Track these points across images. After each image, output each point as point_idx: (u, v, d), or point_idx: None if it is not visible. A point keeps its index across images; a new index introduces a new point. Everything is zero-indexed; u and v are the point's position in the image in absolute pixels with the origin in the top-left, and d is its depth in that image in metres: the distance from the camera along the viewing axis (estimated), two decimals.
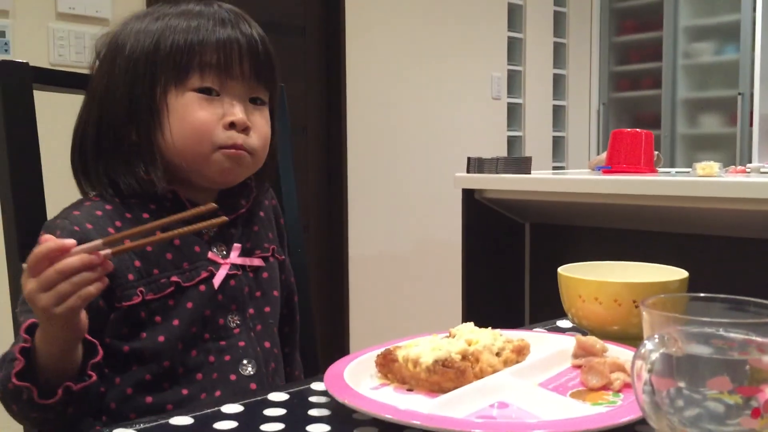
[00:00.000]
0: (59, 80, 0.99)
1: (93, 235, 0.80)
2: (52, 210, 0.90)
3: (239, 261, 0.90)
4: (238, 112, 0.87)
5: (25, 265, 0.69)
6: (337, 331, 3.20)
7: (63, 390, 0.71)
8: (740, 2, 3.63)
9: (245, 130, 0.87)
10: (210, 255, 0.88)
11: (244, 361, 0.88)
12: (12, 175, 0.89)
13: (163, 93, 0.86)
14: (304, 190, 3.07)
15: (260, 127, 0.90)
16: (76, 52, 2.37)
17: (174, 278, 0.84)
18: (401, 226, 3.39)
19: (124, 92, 0.86)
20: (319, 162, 3.17)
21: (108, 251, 0.69)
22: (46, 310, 0.67)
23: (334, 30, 3.14)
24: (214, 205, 0.75)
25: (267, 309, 0.93)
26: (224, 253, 0.90)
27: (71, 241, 0.68)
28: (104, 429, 0.61)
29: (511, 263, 2.40)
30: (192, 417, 0.63)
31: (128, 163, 0.86)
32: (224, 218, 0.75)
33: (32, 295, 0.68)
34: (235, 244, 0.91)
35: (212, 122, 0.86)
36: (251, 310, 0.91)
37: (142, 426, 0.61)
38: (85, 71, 0.94)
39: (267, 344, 0.92)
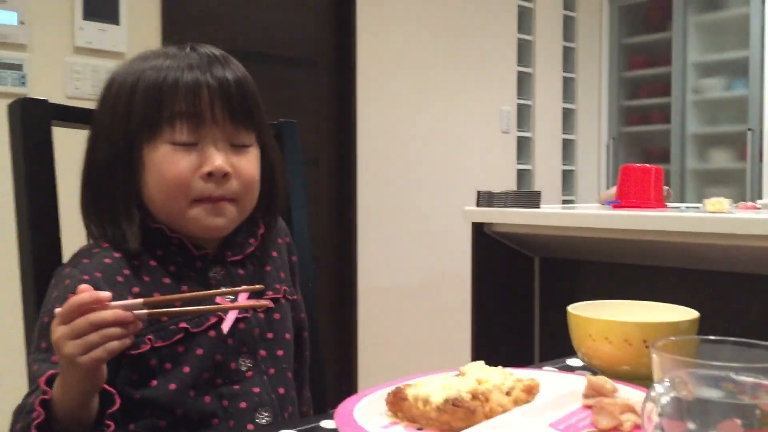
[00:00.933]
0: (77, 117, 1.01)
1: (102, 284, 0.81)
2: (68, 247, 0.91)
3: (248, 304, 0.88)
4: (215, 160, 0.85)
5: (58, 310, 0.69)
6: (346, 363, 3.18)
7: None
8: (749, 38, 3.66)
9: (226, 176, 0.86)
10: (218, 300, 0.87)
11: (261, 410, 0.87)
12: (30, 211, 0.90)
13: (138, 148, 0.85)
14: (315, 222, 3.08)
15: (244, 170, 0.88)
16: (92, 86, 2.41)
17: (183, 325, 0.83)
18: (411, 258, 3.39)
19: (106, 139, 0.87)
20: (330, 194, 3.19)
21: (144, 312, 0.70)
22: (70, 358, 0.68)
23: (346, 64, 3.18)
24: (261, 286, 0.77)
25: (280, 352, 0.92)
26: (231, 297, 0.88)
27: (107, 294, 0.69)
28: None
29: (521, 297, 2.40)
30: None
31: (112, 215, 0.86)
32: (269, 303, 0.77)
33: (60, 341, 0.68)
34: (244, 287, 0.89)
35: (188, 173, 0.84)
36: (263, 352, 0.90)
37: None
38: None
39: (281, 390, 0.91)
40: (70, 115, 0.96)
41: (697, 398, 0.52)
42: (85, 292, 0.69)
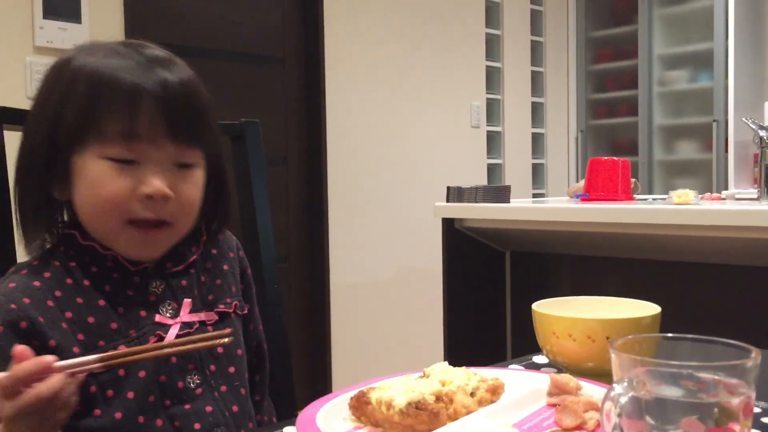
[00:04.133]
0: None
1: (31, 311, 0.76)
2: (23, 253, 0.88)
3: (191, 318, 0.84)
4: (155, 182, 0.78)
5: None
6: (319, 363, 3.17)
7: None
8: (713, 31, 3.70)
9: (167, 199, 0.79)
10: (157, 318, 0.82)
11: (216, 430, 0.83)
12: None
13: (66, 155, 0.78)
14: (285, 222, 3.06)
15: (184, 194, 0.81)
16: None
17: (121, 348, 0.77)
18: (383, 255, 3.39)
19: (33, 143, 0.80)
20: (300, 193, 3.17)
21: (98, 365, 0.67)
22: None
23: (313, 61, 3.16)
24: (228, 330, 0.73)
25: (231, 369, 0.87)
26: (173, 311, 0.84)
27: (51, 358, 0.65)
28: None
29: (493, 291, 2.40)
30: None
31: (35, 221, 0.81)
32: (231, 339, 0.72)
33: (10, 422, 0.64)
34: (185, 300, 0.85)
35: (125, 194, 0.78)
36: (212, 367, 0.85)
37: None
38: None
39: (235, 408, 0.86)
40: (23, 119, 0.94)
41: (656, 397, 0.52)
42: (27, 360, 0.64)
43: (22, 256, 0.87)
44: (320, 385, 3.09)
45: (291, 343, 1.18)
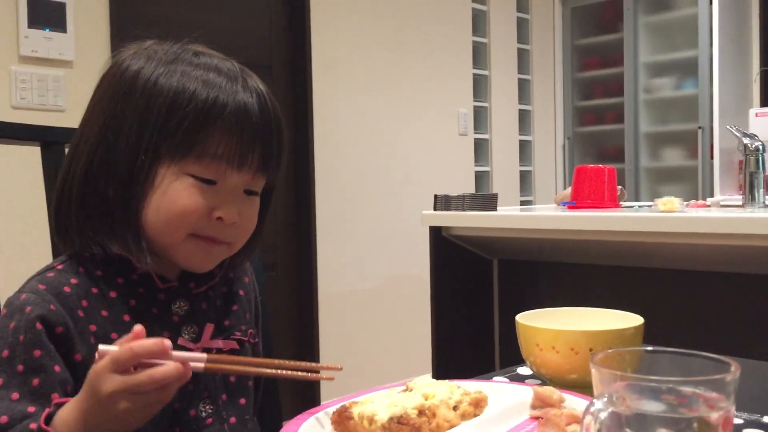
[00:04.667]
0: (15, 133, 0.98)
1: (65, 318, 0.74)
2: (1, 264, 0.87)
3: (212, 345, 0.82)
4: (230, 208, 0.78)
5: (102, 348, 0.64)
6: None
7: None
8: (697, 38, 3.73)
9: (233, 224, 0.79)
10: (180, 341, 0.80)
11: None
12: None
13: (155, 166, 0.77)
14: (273, 230, 3.06)
15: (248, 220, 0.82)
16: (39, 95, 2.36)
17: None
18: (371, 263, 3.38)
19: (123, 148, 0.77)
20: (288, 201, 3.16)
21: (201, 366, 0.66)
22: (124, 413, 0.63)
23: (300, 68, 3.16)
24: (340, 367, 0.72)
25: (242, 401, 0.86)
26: (195, 335, 0.82)
27: (169, 343, 0.64)
28: None
29: (481, 300, 2.41)
30: None
31: (113, 228, 0.78)
32: (331, 377, 0.70)
33: (115, 396, 0.63)
34: (208, 325, 0.83)
35: (200, 212, 0.77)
36: (224, 397, 0.84)
37: None
38: (47, 119, 0.89)
39: None
40: (7, 132, 0.93)
41: (636, 413, 0.52)
42: (147, 339, 0.63)
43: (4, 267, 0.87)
44: (308, 394, 3.08)
45: (279, 351, 1.17)
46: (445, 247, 2.31)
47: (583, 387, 0.80)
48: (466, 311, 2.39)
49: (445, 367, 2.34)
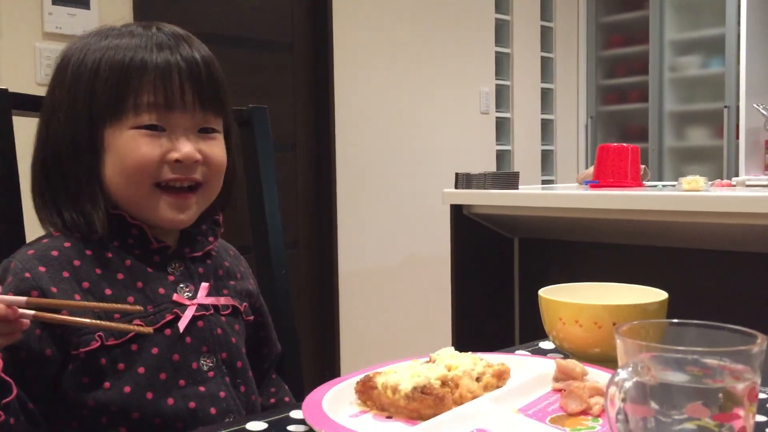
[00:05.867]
0: (38, 105, 0.98)
1: (45, 280, 0.78)
2: (32, 238, 0.89)
3: (208, 301, 0.86)
4: (185, 147, 0.82)
5: None
6: (327, 347, 3.18)
7: None
8: (725, 16, 3.67)
9: (195, 163, 0.83)
10: (175, 297, 0.84)
11: (229, 417, 0.84)
12: None
13: (101, 129, 0.82)
14: (294, 207, 3.07)
15: (213, 157, 0.86)
16: None
17: (136, 322, 0.78)
18: (391, 241, 3.39)
19: (66, 121, 0.83)
20: (308, 179, 3.17)
21: (29, 312, 0.67)
22: None
23: (322, 46, 3.15)
24: (140, 308, 0.75)
25: (239, 364, 0.88)
26: (191, 293, 0.85)
27: None
28: None
29: (501, 278, 2.40)
30: None
31: (74, 199, 0.83)
32: (149, 330, 0.73)
33: None
34: (203, 284, 0.87)
35: (155, 160, 0.81)
36: (224, 355, 0.86)
37: None
38: None
39: (240, 401, 0.87)
40: (31, 104, 0.94)
41: (661, 383, 0.52)
42: None
43: (30, 238, 0.88)
44: (328, 371, 3.11)
45: (299, 328, 1.19)
46: (466, 226, 2.31)
47: (606, 361, 0.80)
48: (487, 290, 2.39)
49: (465, 346, 2.34)
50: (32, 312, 0.67)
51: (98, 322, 0.72)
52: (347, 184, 3.21)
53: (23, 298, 0.67)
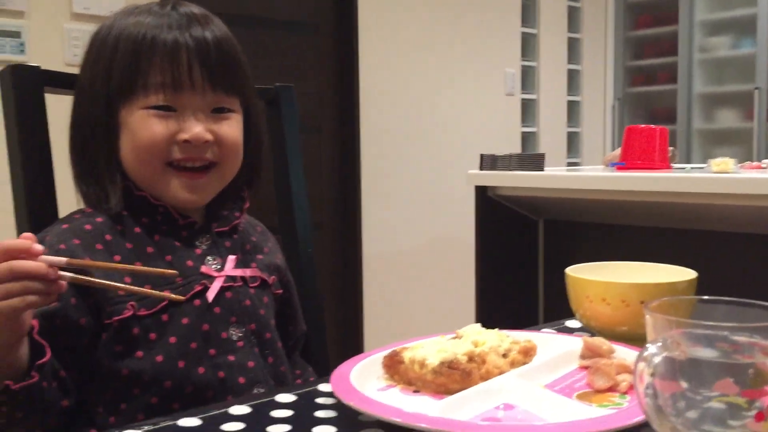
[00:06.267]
0: (70, 83, 1.00)
1: (79, 252, 0.80)
2: (64, 212, 0.90)
3: (235, 272, 0.88)
4: (194, 127, 0.83)
5: None
6: (351, 329, 3.21)
7: (2, 389, 0.69)
8: None
9: (206, 143, 0.84)
10: (203, 269, 0.86)
11: (258, 386, 0.85)
12: (26, 178, 0.90)
13: (117, 108, 0.84)
14: (318, 189, 3.08)
15: (225, 136, 0.86)
16: None
17: (166, 293, 0.79)
18: (415, 223, 3.39)
19: (88, 99, 0.86)
20: (333, 161, 3.18)
21: (68, 275, 0.69)
22: None
23: (347, 28, 3.14)
24: (176, 273, 0.76)
25: (267, 335, 0.90)
26: (219, 266, 0.87)
27: (40, 247, 0.67)
28: (113, 430, 0.61)
29: (525, 260, 2.40)
30: (200, 418, 0.64)
31: (95, 175, 0.85)
32: (180, 298, 0.75)
33: None
34: (230, 256, 0.88)
35: (164, 139, 0.83)
36: (252, 326, 0.88)
37: (151, 427, 0.62)
38: None
39: (268, 372, 0.89)
40: (63, 81, 0.95)
41: (690, 358, 0.52)
42: (18, 240, 0.67)
43: (63, 213, 0.90)
44: (351, 353, 3.12)
45: (323, 309, 1.19)
46: (491, 207, 2.30)
47: (633, 340, 0.80)
48: (511, 272, 2.39)
49: (489, 327, 2.33)
50: (70, 275, 0.69)
51: (134, 287, 0.74)
52: (372, 166, 3.21)
53: (63, 259, 0.69)
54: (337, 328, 3.16)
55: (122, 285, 0.74)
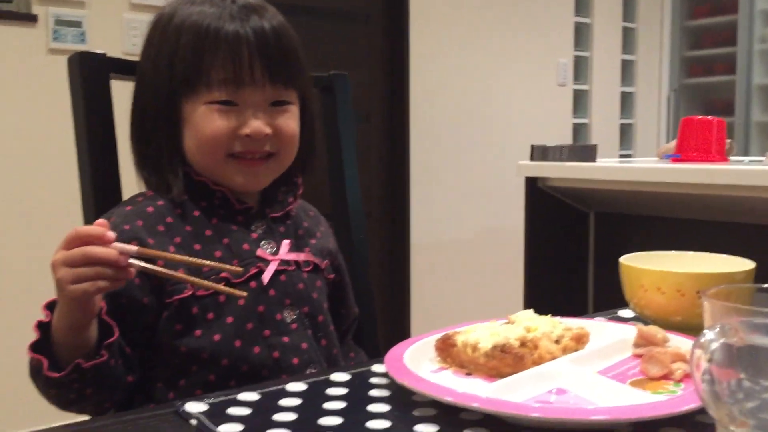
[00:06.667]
0: (134, 71, 1.03)
1: (142, 232, 0.83)
2: (128, 195, 0.93)
3: (289, 257, 0.90)
4: (254, 123, 0.86)
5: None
6: (398, 318, 3.22)
7: (73, 366, 0.72)
8: None
9: (265, 136, 0.87)
10: (259, 252, 0.88)
11: (311, 366, 0.88)
12: (92, 161, 0.93)
13: (179, 103, 0.87)
14: (367, 178, 3.10)
15: (284, 128, 0.89)
16: None
17: (223, 275, 0.83)
18: (463, 213, 3.38)
19: (149, 93, 0.88)
20: (382, 149, 3.19)
21: (138, 264, 0.71)
22: (60, 283, 0.70)
23: (398, 17, 3.14)
24: (241, 270, 0.79)
25: (320, 318, 0.92)
26: (273, 249, 0.89)
27: (112, 235, 0.70)
28: (176, 402, 0.64)
29: (575, 252, 2.37)
30: (258, 393, 0.66)
31: (156, 163, 0.88)
32: (244, 294, 0.76)
33: (55, 265, 0.70)
34: (285, 241, 0.91)
35: (226, 134, 0.86)
36: (306, 309, 0.90)
37: (212, 400, 0.64)
38: None
39: (320, 354, 0.91)
40: (128, 69, 0.98)
41: (749, 345, 0.51)
42: (93, 226, 0.70)
43: (126, 195, 0.93)
44: (398, 340, 3.14)
45: (374, 295, 1.21)
46: (541, 199, 2.28)
47: (688, 329, 0.79)
48: (560, 264, 2.37)
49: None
50: (140, 263, 0.71)
51: (197, 279, 0.75)
52: (421, 155, 3.22)
53: (134, 248, 0.71)
54: (384, 317, 3.18)
55: (187, 277, 0.75)
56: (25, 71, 2.28)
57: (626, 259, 0.88)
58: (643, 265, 0.84)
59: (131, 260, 0.71)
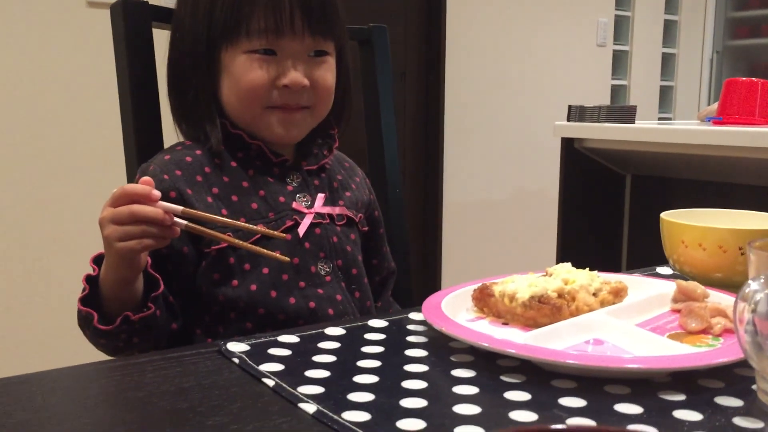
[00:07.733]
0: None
1: (181, 182, 0.84)
2: (169, 143, 0.94)
3: (324, 210, 0.91)
4: (293, 73, 0.86)
5: (113, 191, 0.73)
6: (429, 277, 3.24)
7: (122, 319, 0.74)
8: None
9: (303, 88, 0.87)
10: (294, 205, 0.89)
11: (346, 318, 0.89)
12: (134, 110, 0.94)
13: (217, 52, 0.87)
14: (401, 136, 3.09)
15: (321, 80, 0.89)
16: None
17: (259, 226, 0.83)
18: (498, 174, 3.36)
19: (187, 41, 0.88)
20: (417, 108, 3.17)
21: (182, 222, 0.72)
22: (108, 240, 0.71)
23: None
24: (288, 236, 0.81)
25: (354, 271, 0.93)
26: (308, 203, 0.90)
27: (157, 193, 0.71)
28: (219, 341, 0.65)
29: (609, 215, 2.35)
30: (298, 336, 0.67)
31: (192, 113, 0.89)
32: (286, 259, 0.77)
33: (103, 222, 0.71)
34: (320, 194, 0.92)
35: (265, 84, 0.86)
36: (339, 262, 0.91)
37: (253, 341, 0.66)
38: None
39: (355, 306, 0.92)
40: (168, 16, 0.99)
41: None
42: (142, 185, 0.71)
43: (167, 142, 0.94)
44: (430, 284, 3.16)
45: (410, 249, 1.22)
46: (577, 160, 2.26)
47: (729, 286, 0.78)
48: (595, 227, 2.35)
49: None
50: (185, 222, 0.72)
51: (245, 243, 0.76)
52: (455, 114, 3.19)
53: (180, 207, 0.73)
54: (415, 276, 3.19)
55: (232, 239, 0.76)
56: (65, 24, 2.30)
57: (667, 215, 0.87)
58: (685, 221, 0.83)
59: (177, 219, 0.72)
